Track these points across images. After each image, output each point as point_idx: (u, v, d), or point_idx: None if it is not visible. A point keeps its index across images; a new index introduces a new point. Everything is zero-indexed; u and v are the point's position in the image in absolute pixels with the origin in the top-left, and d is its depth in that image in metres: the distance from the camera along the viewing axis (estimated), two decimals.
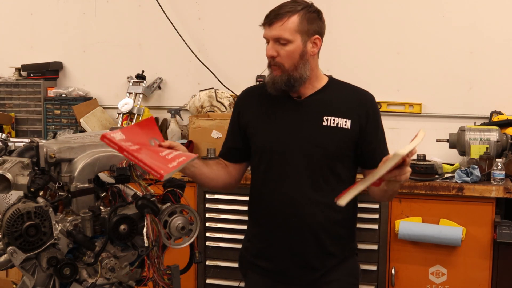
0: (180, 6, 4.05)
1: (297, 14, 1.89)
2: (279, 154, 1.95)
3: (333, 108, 1.95)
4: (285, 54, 1.89)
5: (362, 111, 1.97)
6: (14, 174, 1.54)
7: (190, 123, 3.61)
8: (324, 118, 1.94)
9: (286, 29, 1.88)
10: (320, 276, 1.97)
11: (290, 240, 1.95)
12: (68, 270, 1.49)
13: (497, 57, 3.50)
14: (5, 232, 1.45)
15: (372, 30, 3.71)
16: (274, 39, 1.90)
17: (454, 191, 2.92)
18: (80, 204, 1.57)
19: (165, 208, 1.61)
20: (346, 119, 1.94)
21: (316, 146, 1.92)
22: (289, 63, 1.90)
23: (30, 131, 4.27)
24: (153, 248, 1.54)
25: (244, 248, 2.13)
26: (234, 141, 2.10)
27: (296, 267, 1.97)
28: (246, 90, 2.16)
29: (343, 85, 2.06)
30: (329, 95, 1.98)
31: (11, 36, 4.44)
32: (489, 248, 2.92)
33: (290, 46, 1.89)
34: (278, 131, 1.96)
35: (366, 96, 2.02)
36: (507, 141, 3.15)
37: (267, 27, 1.92)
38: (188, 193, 1.85)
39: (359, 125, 1.95)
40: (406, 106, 3.67)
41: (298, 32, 1.89)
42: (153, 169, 1.52)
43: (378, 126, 2.01)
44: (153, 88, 4.08)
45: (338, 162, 1.94)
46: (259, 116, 2.02)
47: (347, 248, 2.04)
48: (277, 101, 1.98)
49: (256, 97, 2.06)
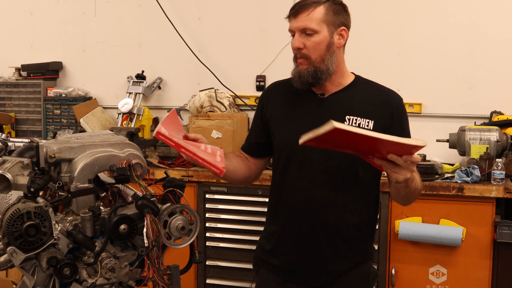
0: (180, 6, 4.05)
1: (323, 5, 1.86)
2: (297, 152, 1.91)
3: (356, 108, 1.91)
4: (311, 45, 1.86)
5: (387, 112, 1.91)
6: (14, 174, 1.53)
7: (190, 123, 3.61)
8: (346, 117, 1.89)
9: (313, 19, 1.85)
10: (332, 280, 1.94)
11: (302, 240, 1.93)
12: (68, 270, 1.49)
13: (497, 57, 3.50)
14: (5, 232, 1.45)
15: (372, 30, 3.71)
16: (300, 30, 1.86)
17: (454, 191, 2.92)
18: (80, 204, 1.56)
19: (165, 208, 1.61)
20: (369, 120, 1.89)
21: None
22: (316, 55, 1.86)
23: (30, 131, 4.27)
24: (153, 248, 1.53)
25: (259, 244, 2.11)
26: (256, 136, 2.08)
27: (307, 267, 1.94)
28: (272, 84, 2.13)
29: (370, 84, 2.00)
30: (354, 94, 1.94)
31: (11, 36, 4.44)
32: (489, 248, 2.92)
33: (316, 37, 1.85)
34: (299, 128, 1.91)
35: (392, 97, 1.96)
36: (507, 141, 3.15)
37: (293, 19, 1.88)
38: (188, 193, 1.85)
39: (382, 126, 1.88)
40: (406, 106, 3.64)
41: (324, 22, 1.86)
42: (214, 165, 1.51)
43: (403, 129, 1.93)
44: (153, 88, 4.08)
45: (358, 163, 1.88)
46: (281, 112, 2.00)
47: (362, 252, 1.98)
48: (300, 98, 1.95)
49: (281, 92, 2.03)
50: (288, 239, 1.97)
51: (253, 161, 2.09)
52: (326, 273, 1.94)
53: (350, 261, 1.95)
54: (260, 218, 3.22)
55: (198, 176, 3.29)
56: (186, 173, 3.30)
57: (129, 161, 1.62)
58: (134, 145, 1.70)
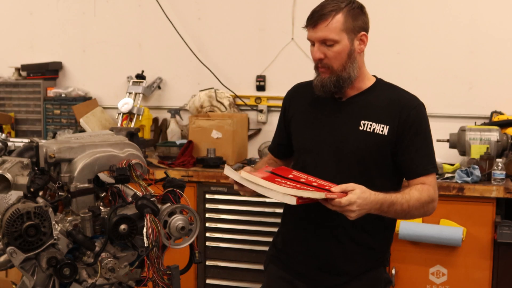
0: (180, 6, 4.04)
1: (341, 12, 1.81)
2: (313, 155, 1.92)
3: (372, 112, 1.88)
4: (332, 55, 1.83)
5: (403, 117, 1.86)
6: (14, 174, 1.53)
7: (190, 123, 3.61)
8: (362, 122, 1.87)
9: (332, 29, 1.81)
10: (340, 283, 1.93)
11: (313, 242, 1.93)
12: (67, 270, 1.49)
13: (497, 56, 3.50)
14: (4, 232, 1.45)
15: (372, 30, 3.69)
16: (320, 41, 1.83)
17: (455, 191, 2.92)
18: (80, 204, 1.56)
19: (165, 208, 1.60)
20: (384, 125, 1.86)
21: (348, 150, 1.87)
22: (337, 64, 1.84)
23: (29, 131, 4.27)
24: (153, 248, 1.53)
25: (273, 242, 2.12)
26: (280, 137, 2.10)
27: (317, 270, 1.94)
28: (295, 86, 2.12)
29: (390, 88, 1.97)
30: (372, 98, 1.91)
31: (11, 36, 4.44)
32: (489, 248, 2.92)
33: (337, 47, 1.82)
34: (316, 132, 1.92)
35: (410, 102, 1.91)
36: (507, 141, 3.15)
37: (311, 29, 1.84)
38: (188, 193, 1.85)
39: (397, 132, 1.85)
40: None
41: (344, 31, 1.82)
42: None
43: (418, 134, 1.88)
44: (153, 88, 4.07)
45: (372, 169, 1.87)
46: (301, 115, 2.00)
47: (374, 258, 1.96)
48: (319, 101, 1.94)
49: (303, 95, 2.02)
50: (300, 239, 1.96)
51: (281, 163, 2.11)
52: (335, 275, 1.93)
53: (361, 265, 1.93)
54: (260, 218, 3.22)
55: (198, 176, 3.29)
56: (186, 173, 3.29)
57: (129, 161, 1.62)
58: (134, 145, 1.70)
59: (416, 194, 1.81)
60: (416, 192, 1.81)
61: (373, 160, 1.87)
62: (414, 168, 1.87)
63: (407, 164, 1.87)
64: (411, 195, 1.80)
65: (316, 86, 1.89)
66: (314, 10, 1.86)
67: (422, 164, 1.86)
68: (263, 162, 2.15)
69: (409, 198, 1.79)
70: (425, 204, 1.83)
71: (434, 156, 1.92)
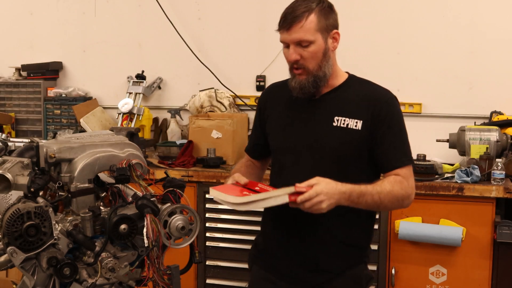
0: (180, 6, 4.04)
1: (313, 12, 1.82)
2: (290, 154, 1.93)
3: (345, 108, 1.89)
4: (308, 55, 1.84)
5: (375, 111, 1.87)
6: (14, 174, 1.53)
7: (190, 123, 3.61)
8: (335, 118, 1.89)
9: (307, 30, 1.82)
10: (323, 280, 1.94)
11: (295, 241, 1.94)
12: (68, 270, 1.49)
13: (497, 57, 3.50)
14: (5, 232, 1.45)
15: (372, 30, 3.71)
16: (295, 43, 1.84)
17: (454, 191, 2.92)
18: (80, 204, 1.56)
19: (165, 208, 1.61)
20: (357, 120, 1.87)
21: (324, 147, 1.88)
22: (313, 64, 1.85)
23: (30, 131, 4.27)
24: (153, 248, 1.53)
25: (254, 242, 2.13)
26: (257, 137, 2.11)
27: (299, 268, 1.95)
28: (270, 86, 2.14)
29: (363, 83, 1.97)
30: (344, 94, 1.92)
31: (11, 36, 4.44)
32: (489, 248, 2.92)
33: (312, 47, 1.83)
34: (291, 131, 1.93)
35: (382, 96, 1.92)
36: (507, 141, 3.15)
37: (285, 32, 1.85)
38: (188, 193, 1.85)
39: (370, 125, 1.87)
40: (406, 106, 3.67)
41: (318, 30, 1.83)
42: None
43: (392, 127, 1.89)
44: (153, 88, 4.07)
45: (348, 164, 1.88)
46: (277, 114, 2.01)
47: (355, 255, 1.97)
48: (294, 100, 1.94)
49: (278, 94, 2.03)
50: (281, 239, 1.97)
51: (258, 164, 2.12)
52: (317, 274, 1.94)
53: (342, 263, 1.94)
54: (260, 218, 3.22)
55: (198, 176, 3.29)
56: (186, 173, 3.29)
57: (129, 161, 1.62)
58: (134, 145, 1.70)
59: (387, 186, 1.82)
60: (388, 184, 1.82)
61: (349, 156, 1.88)
62: (388, 161, 1.88)
63: (381, 157, 1.89)
64: (382, 187, 1.81)
65: (294, 88, 1.89)
66: (286, 12, 1.86)
67: (396, 157, 1.88)
68: (240, 165, 2.14)
69: (380, 190, 1.80)
70: (399, 197, 1.84)
71: (409, 148, 1.92)
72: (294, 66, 1.87)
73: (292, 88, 1.90)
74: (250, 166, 2.12)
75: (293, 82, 1.89)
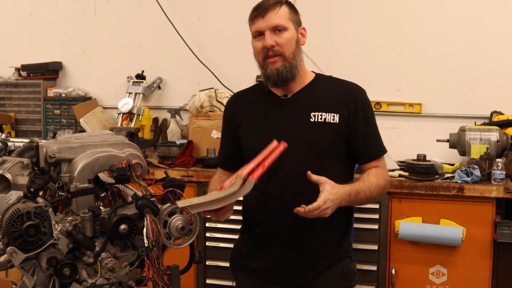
0: (180, 6, 4.04)
1: (284, 4, 1.92)
2: None
3: (320, 104, 1.94)
4: (283, 41, 1.89)
5: (350, 104, 1.93)
6: (14, 174, 1.53)
7: (190, 123, 3.61)
8: (312, 114, 1.92)
9: (281, 16, 1.89)
10: (309, 280, 1.95)
11: (278, 242, 1.95)
12: (68, 270, 1.49)
13: (497, 57, 3.50)
14: (4, 232, 1.45)
15: (372, 30, 3.71)
16: (271, 29, 1.89)
17: (454, 191, 2.92)
18: (80, 204, 1.56)
19: (165, 208, 1.61)
20: (334, 114, 1.92)
21: (304, 143, 1.90)
22: (289, 51, 1.90)
23: (30, 131, 4.27)
24: (153, 248, 1.53)
25: (235, 248, 2.13)
26: (229, 149, 2.10)
27: (285, 268, 1.95)
28: (233, 96, 2.19)
29: (331, 80, 2.05)
30: (316, 91, 1.97)
31: (11, 36, 4.44)
32: (489, 248, 2.92)
33: (286, 34, 1.90)
34: (267, 133, 1.93)
35: (354, 89, 1.99)
36: (507, 141, 3.15)
37: (261, 19, 1.90)
38: (188, 193, 1.84)
39: (347, 118, 1.92)
40: (406, 106, 3.67)
41: (290, 20, 1.91)
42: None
43: (368, 119, 1.96)
44: (153, 88, 4.07)
45: (328, 158, 1.91)
46: (249, 120, 2.02)
47: (340, 250, 2.00)
48: (263, 103, 1.99)
49: (244, 102, 2.07)
50: (264, 241, 1.98)
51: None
52: (303, 272, 1.95)
53: (327, 259, 1.96)
54: None
55: (198, 176, 3.29)
56: (186, 173, 3.29)
57: (129, 161, 1.62)
58: (134, 145, 1.70)
59: (374, 179, 1.89)
60: (374, 178, 1.90)
61: (328, 149, 1.92)
62: (366, 152, 1.94)
63: (359, 149, 1.95)
64: (370, 181, 1.88)
65: (270, 76, 1.92)
66: (259, 4, 1.93)
67: (372, 147, 1.94)
68: (214, 184, 2.09)
69: (369, 185, 1.87)
70: (383, 187, 1.93)
71: (381, 138, 2.01)
72: (269, 53, 1.91)
73: (266, 79, 1.94)
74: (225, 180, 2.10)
75: (267, 71, 1.92)
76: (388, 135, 3.39)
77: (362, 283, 3.02)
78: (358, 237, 3.03)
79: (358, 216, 3.03)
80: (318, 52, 3.65)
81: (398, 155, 3.42)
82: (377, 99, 3.67)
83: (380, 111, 3.67)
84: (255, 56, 1.98)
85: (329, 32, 3.74)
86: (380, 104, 3.68)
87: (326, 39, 3.74)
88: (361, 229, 3.03)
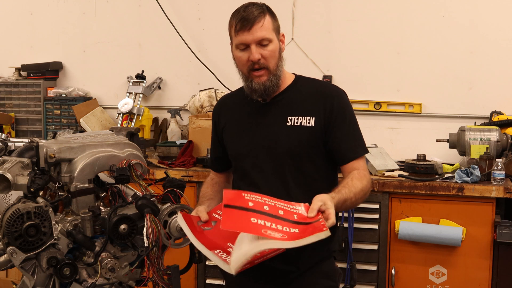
0: (180, 6, 4.04)
1: (267, 13, 1.90)
2: (249, 159, 1.95)
3: (297, 107, 1.94)
4: (268, 54, 1.89)
5: (327, 106, 1.92)
6: (14, 174, 1.53)
7: (190, 123, 3.61)
8: (288, 118, 1.92)
9: (266, 29, 1.88)
10: (293, 279, 1.95)
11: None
12: (68, 270, 1.49)
13: (497, 57, 3.50)
14: (5, 232, 1.45)
15: (372, 30, 3.71)
16: (256, 42, 1.89)
17: (454, 191, 2.92)
18: (80, 204, 1.57)
19: (165, 208, 1.61)
20: (310, 117, 1.91)
21: (281, 147, 1.91)
22: (273, 63, 1.90)
23: (30, 131, 4.27)
24: (153, 248, 1.54)
25: None
26: (217, 151, 2.12)
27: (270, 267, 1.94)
28: (221, 98, 2.19)
29: (310, 82, 2.03)
30: (294, 94, 1.97)
31: (11, 36, 4.44)
32: (489, 248, 2.92)
33: (271, 46, 1.89)
34: (247, 137, 1.96)
35: (331, 91, 1.97)
36: (507, 141, 3.15)
37: (247, 32, 1.91)
38: (188, 193, 1.85)
39: (323, 121, 1.91)
40: (406, 106, 3.67)
41: (273, 30, 1.91)
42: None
43: (345, 120, 1.93)
44: (153, 88, 4.08)
45: (306, 161, 1.91)
46: (232, 123, 2.04)
47: (324, 250, 1.99)
48: (245, 107, 2.00)
49: (230, 105, 2.08)
50: None
51: (223, 178, 2.13)
52: (288, 271, 1.94)
53: (311, 258, 1.95)
54: None
55: (198, 176, 3.29)
56: (186, 173, 3.29)
57: (129, 161, 1.62)
58: (134, 145, 1.71)
59: (358, 184, 1.85)
60: (358, 182, 1.86)
61: (306, 153, 1.91)
62: (344, 154, 1.92)
63: (337, 150, 1.93)
64: (355, 187, 1.84)
65: (256, 91, 1.92)
66: (243, 16, 1.94)
67: (351, 148, 1.92)
68: (207, 186, 2.13)
69: (355, 191, 1.84)
70: (367, 191, 1.88)
71: (362, 139, 1.97)
72: (255, 67, 1.91)
73: (252, 92, 1.93)
74: (216, 184, 2.12)
75: (253, 85, 1.92)
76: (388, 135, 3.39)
77: (362, 283, 3.02)
78: (358, 237, 3.03)
79: (358, 216, 3.03)
80: (318, 52, 3.65)
81: (398, 155, 3.42)
82: (377, 99, 3.67)
83: (380, 111, 3.67)
84: (238, 66, 1.99)
85: (328, 32, 3.74)
86: (380, 104, 3.68)
87: (326, 39, 3.73)
88: (361, 229, 3.03)
